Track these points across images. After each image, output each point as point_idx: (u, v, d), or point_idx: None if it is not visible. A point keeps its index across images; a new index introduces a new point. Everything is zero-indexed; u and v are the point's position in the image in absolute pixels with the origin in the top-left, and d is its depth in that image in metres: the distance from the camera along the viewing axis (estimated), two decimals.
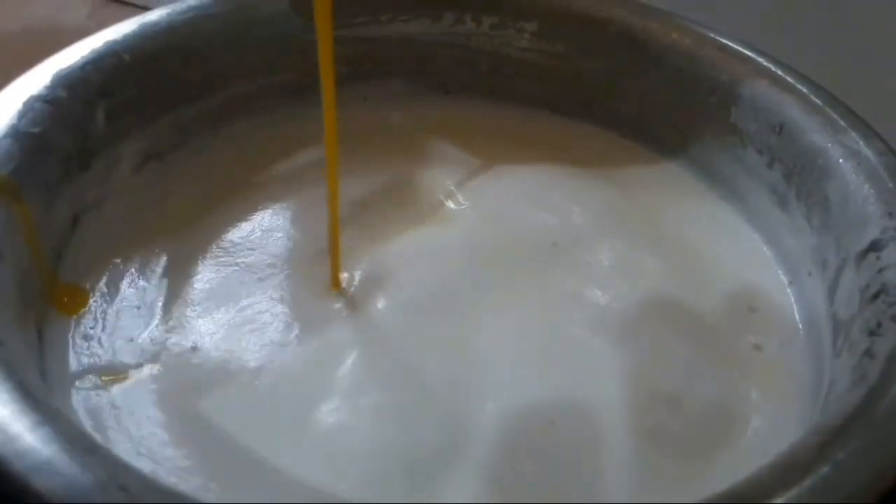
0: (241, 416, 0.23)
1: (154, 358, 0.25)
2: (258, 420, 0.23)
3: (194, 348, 0.25)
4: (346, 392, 0.24)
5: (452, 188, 0.31)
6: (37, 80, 0.27)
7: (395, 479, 0.22)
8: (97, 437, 0.22)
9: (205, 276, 0.27)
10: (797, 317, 0.28)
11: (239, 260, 0.28)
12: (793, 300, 0.28)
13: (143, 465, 0.22)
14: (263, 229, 0.29)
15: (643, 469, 0.23)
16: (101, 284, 0.27)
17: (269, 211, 0.30)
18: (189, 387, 0.24)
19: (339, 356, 0.25)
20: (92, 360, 0.25)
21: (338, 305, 0.26)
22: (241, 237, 0.29)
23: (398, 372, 0.25)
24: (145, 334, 0.25)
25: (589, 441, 0.23)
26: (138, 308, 0.26)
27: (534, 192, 0.31)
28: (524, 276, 0.28)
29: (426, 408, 0.24)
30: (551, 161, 0.32)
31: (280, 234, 0.29)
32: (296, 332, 0.26)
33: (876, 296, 0.23)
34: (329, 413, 0.23)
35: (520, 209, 0.30)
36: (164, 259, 0.28)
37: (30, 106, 0.26)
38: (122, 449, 0.22)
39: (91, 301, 0.26)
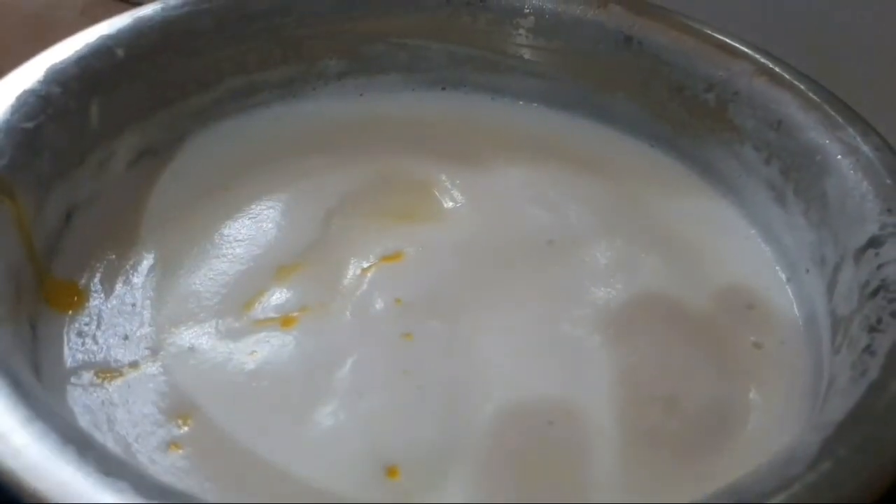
0: (237, 417, 0.23)
1: (151, 357, 0.25)
2: (255, 422, 0.23)
3: (191, 349, 0.25)
4: (344, 394, 0.24)
5: (448, 185, 0.31)
6: (30, 74, 0.27)
7: (394, 480, 0.22)
8: (94, 433, 0.22)
9: (200, 273, 0.27)
10: (796, 314, 0.27)
11: (235, 256, 0.28)
12: (791, 297, 0.28)
13: (139, 465, 0.22)
14: (258, 224, 0.29)
15: (642, 469, 0.23)
16: (96, 281, 0.26)
17: (264, 206, 0.29)
18: (186, 387, 0.24)
19: (337, 357, 0.25)
20: (87, 357, 0.24)
21: (334, 305, 0.26)
22: (237, 233, 0.28)
23: (396, 373, 0.24)
24: (140, 332, 0.25)
25: (587, 441, 0.23)
26: (133, 305, 0.26)
27: (530, 189, 0.31)
28: (521, 274, 0.28)
29: (424, 410, 0.24)
30: (548, 157, 0.32)
31: (275, 229, 0.29)
32: (293, 333, 0.25)
33: (875, 292, 0.23)
34: (327, 416, 0.23)
35: (516, 206, 0.30)
36: (159, 255, 0.27)
37: (23, 101, 0.26)
38: (118, 447, 0.22)
39: (85, 297, 0.26)
